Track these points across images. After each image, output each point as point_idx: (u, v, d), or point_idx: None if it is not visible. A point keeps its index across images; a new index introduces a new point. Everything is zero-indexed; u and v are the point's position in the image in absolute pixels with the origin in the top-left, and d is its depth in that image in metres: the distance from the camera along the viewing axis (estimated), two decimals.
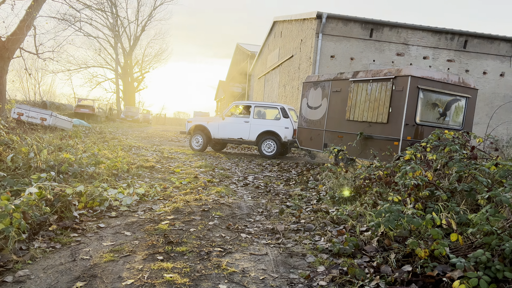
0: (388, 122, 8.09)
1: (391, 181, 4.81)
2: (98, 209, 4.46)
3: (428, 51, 15.17)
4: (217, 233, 3.91)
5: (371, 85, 8.61)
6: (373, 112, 8.48)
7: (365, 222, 4.19)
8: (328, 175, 7.07)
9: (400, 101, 7.86)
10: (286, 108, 12.00)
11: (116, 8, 37.48)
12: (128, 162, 7.97)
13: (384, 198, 4.69)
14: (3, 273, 2.66)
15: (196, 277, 2.81)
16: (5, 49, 12.59)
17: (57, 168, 5.59)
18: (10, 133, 7.26)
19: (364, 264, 3.10)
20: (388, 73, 8.26)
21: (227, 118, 12.52)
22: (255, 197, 5.89)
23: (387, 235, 3.57)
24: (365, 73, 8.91)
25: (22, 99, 29.45)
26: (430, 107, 8.08)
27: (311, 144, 10.55)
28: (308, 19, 15.87)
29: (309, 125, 10.59)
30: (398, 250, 3.23)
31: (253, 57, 28.14)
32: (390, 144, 7.92)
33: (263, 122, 12.18)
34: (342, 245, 3.46)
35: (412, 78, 7.73)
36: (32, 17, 12.82)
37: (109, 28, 38.84)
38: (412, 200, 4.20)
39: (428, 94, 7.98)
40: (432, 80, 8.00)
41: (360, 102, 8.82)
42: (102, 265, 2.95)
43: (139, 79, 43.09)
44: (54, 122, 14.08)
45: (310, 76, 10.94)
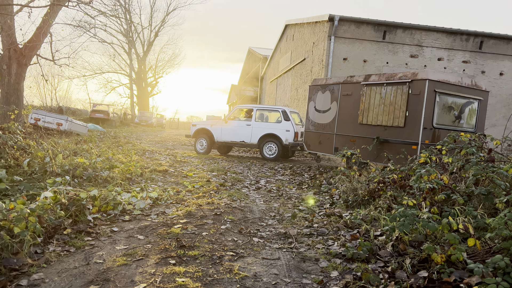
0: (405, 126, 8.06)
1: (406, 185, 4.73)
2: (112, 213, 4.49)
3: (442, 53, 14.97)
4: (229, 237, 3.90)
5: (385, 89, 8.58)
6: (388, 116, 8.45)
7: (380, 227, 4.12)
8: (342, 178, 7.00)
9: (417, 105, 7.84)
10: (288, 111, 12.03)
11: (130, 14, 38.03)
12: (142, 166, 8.04)
13: (399, 202, 4.61)
14: (18, 277, 2.70)
15: (208, 282, 2.80)
16: (23, 56, 12.86)
17: (72, 173, 5.67)
18: (27, 138, 7.40)
19: (379, 270, 3.05)
20: (403, 76, 8.23)
21: (229, 121, 12.66)
22: (267, 201, 5.87)
23: (402, 240, 3.51)
24: (378, 76, 8.90)
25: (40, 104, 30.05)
26: (446, 110, 8.11)
27: (320, 148, 10.49)
28: (320, 22, 15.82)
29: (318, 128, 10.54)
30: (414, 255, 3.16)
31: (265, 61, 28.17)
32: (408, 148, 7.87)
33: (264, 125, 12.25)
34: (356, 249, 3.41)
35: (429, 81, 7.71)
36: (48, 24, 13.07)
37: (123, 34, 39.41)
38: (428, 204, 4.12)
39: (444, 98, 8.00)
40: (448, 83, 8.02)
41: (374, 106, 8.78)
42: (115, 269, 2.96)
43: (152, 84, 43.56)
44: (70, 127, 14.30)
45: (317, 79, 10.89)
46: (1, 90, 13.05)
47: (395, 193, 4.81)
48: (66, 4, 12.93)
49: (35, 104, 27.96)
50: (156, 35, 41.26)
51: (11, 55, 12.63)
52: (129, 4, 37.29)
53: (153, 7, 41.61)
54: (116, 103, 43.87)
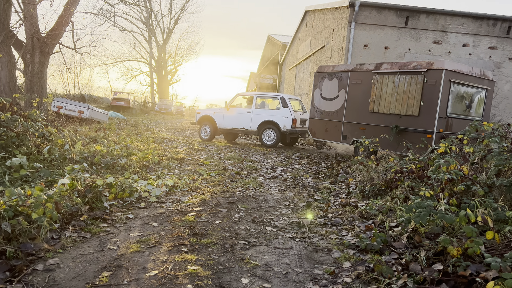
0: (419, 115, 8.17)
1: (424, 175, 4.62)
2: (128, 200, 4.56)
3: (468, 38, 14.45)
4: (242, 225, 3.91)
5: (398, 78, 8.62)
6: (401, 104, 8.54)
7: (396, 218, 4.04)
8: (359, 168, 6.91)
9: (433, 94, 7.94)
10: (286, 98, 12.10)
11: (150, 1, 38.16)
12: (159, 154, 8.12)
13: (416, 193, 4.51)
14: (34, 261, 2.77)
15: (219, 270, 2.81)
16: (45, 44, 13.10)
17: (90, 160, 5.77)
18: (48, 126, 7.56)
19: (392, 261, 2.99)
20: (417, 65, 8.31)
21: (231, 108, 12.84)
22: (283, 190, 5.84)
23: (418, 232, 3.43)
24: (390, 65, 8.94)
25: (63, 92, 30.69)
26: (458, 100, 8.29)
27: (326, 135, 10.50)
28: (340, 7, 15.49)
29: (324, 116, 10.52)
30: (429, 248, 3.09)
31: (284, 48, 27.88)
32: (422, 137, 7.98)
33: (264, 112, 12.37)
34: (369, 240, 3.36)
35: (446, 71, 7.80)
36: (69, 13, 13.25)
37: (143, 22, 39.65)
38: (446, 195, 4.01)
39: (457, 87, 8.18)
40: (461, 73, 8.18)
41: (386, 95, 8.83)
42: (128, 255, 3.00)
43: (172, 72, 43.85)
44: (91, 115, 14.56)
45: (323, 67, 10.83)
46: (25, 78, 13.36)
47: (412, 183, 4.70)
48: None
49: (58, 92, 28.57)
50: (175, 23, 41.36)
51: (34, 44, 12.89)
52: None
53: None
54: (136, 91, 44.43)
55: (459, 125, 8.37)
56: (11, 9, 12.00)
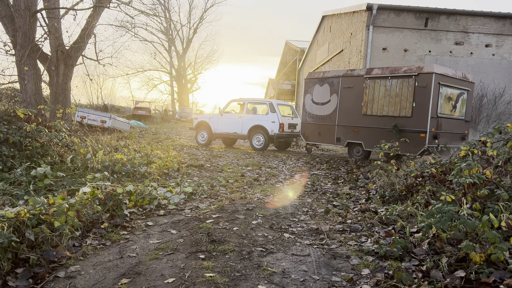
0: (412, 116, 8.85)
1: (445, 179, 4.51)
2: (148, 208, 4.63)
3: (491, 39, 14.09)
4: (260, 232, 3.90)
5: (390, 82, 9.30)
6: (394, 106, 9.20)
7: (416, 223, 3.96)
8: (379, 173, 6.80)
9: (424, 96, 8.64)
10: (274, 104, 12.64)
11: (169, 12, 38.87)
12: (179, 161, 8.22)
13: (438, 198, 4.40)
14: (56, 269, 2.84)
15: (236, 277, 2.81)
16: (69, 57, 13.49)
17: (111, 168, 5.89)
18: (72, 136, 7.77)
19: (412, 268, 2.92)
20: (408, 70, 9.02)
21: (225, 114, 13.48)
22: (301, 196, 5.81)
23: (439, 237, 3.34)
24: (381, 70, 9.58)
25: (86, 103, 31.48)
26: (446, 101, 9.02)
27: (319, 138, 11.06)
28: (358, 11, 15.39)
29: (316, 120, 11.08)
30: (451, 254, 3.00)
31: (302, 53, 27.85)
32: (416, 136, 8.72)
33: (253, 117, 12.92)
34: (389, 247, 3.30)
35: (436, 75, 8.52)
36: (92, 26, 13.62)
37: (163, 32, 40.39)
38: (469, 199, 3.90)
39: (445, 89, 8.91)
40: (448, 76, 8.92)
41: (379, 98, 9.48)
42: (147, 262, 3.04)
43: (192, 81, 44.41)
44: (113, 124, 14.88)
45: (313, 73, 11.33)
46: (50, 90, 13.78)
47: (434, 188, 4.59)
48: (107, 5, 13.41)
49: (82, 102, 29.34)
50: (194, 32, 41.95)
51: (59, 56, 13.30)
52: (168, 2, 38.13)
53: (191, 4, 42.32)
54: (157, 100, 45.14)
55: (447, 124, 9.15)
56: (37, 23, 12.45)
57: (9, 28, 11.56)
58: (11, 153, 5.73)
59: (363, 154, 10.07)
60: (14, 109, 7.15)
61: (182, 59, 42.01)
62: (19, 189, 4.76)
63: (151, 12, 24.90)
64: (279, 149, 13.41)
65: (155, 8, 35.43)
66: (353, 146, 10.29)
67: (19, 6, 11.18)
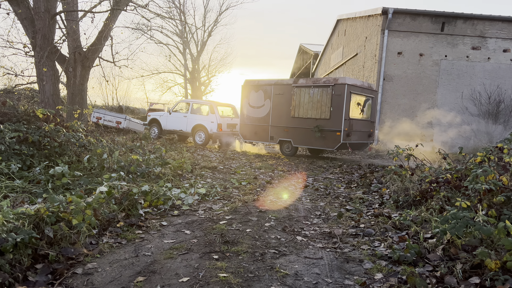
0: (330, 118, 10.81)
1: (461, 185, 4.46)
2: (162, 208, 4.69)
3: (509, 44, 13.87)
4: (272, 234, 3.92)
5: (313, 90, 11.15)
6: (316, 110, 11.07)
7: (430, 229, 3.93)
8: (393, 177, 6.75)
9: (339, 102, 10.62)
10: (214, 105, 14.09)
11: (185, 15, 39.23)
12: (193, 163, 8.29)
13: (453, 204, 4.36)
14: (74, 265, 2.91)
15: (249, 278, 2.84)
16: (86, 58, 13.75)
17: (126, 169, 5.99)
18: (88, 136, 7.92)
19: (426, 274, 2.91)
20: (326, 81, 11.02)
21: (173, 113, 14.93)
22: (314, 199, 5.81)
23: (454, 244, 3.32)
24: (305, 80, 11.56)
25: (102, 104, 31.95)
26: (355, 106, 11.07)
27: (256, 137, 12.73)
28: (373, 15, 15.32)
29: (253, 121, 12.70)
30: (466, 260, 2.98)
31: (316, 57, 27.80)
32: (333, 134, 10.75)
33: (196, 117, 14.33)
34: (402, 252, 3.28)
35: (347, 85, 10.53)
36: (109, 28, 13.86)
37: (178, 35, 40.75)
38: (485, 206, 3.86)
39: (355, 96, 10.98)
40: (357, 86, 11.00)
41: (304, 103, 11.31)
42: (161, 261, 3.09)
43: (206, 83, 44.66)
44: (128, 125, 15.08)
45: (249, 81, 12.97)
46: (67, 91, 14.06)
47: (448, 193, 4.55)
48: (124, 8, 13.63)
49: (97, 103, 29.77)
50: (209, 35, 42.21)
51: (76, 58, 13.57)
52: (184, 6, 38.48)
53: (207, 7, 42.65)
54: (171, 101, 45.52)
55: (357, 124, 11.17)
56: (56, 25, 12.73)
57: (29, 30, 11.85)
58: (30, 152, 5.87)
59: (292, 150, 11.93)
60: (33, 109, 7.32)
61: (196, 61, 42.31)
62: (37, 187, 4.88)
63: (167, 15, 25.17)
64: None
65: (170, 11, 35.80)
66: (284, 143, 12.12)
67: (39, 9, 11.44)
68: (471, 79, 14.57)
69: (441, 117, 14.77)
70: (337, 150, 11.13)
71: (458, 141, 14.50)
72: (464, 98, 14.79)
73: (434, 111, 14.87)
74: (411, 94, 14.74)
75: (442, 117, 14.76)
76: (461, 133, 14.73)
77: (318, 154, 13.06)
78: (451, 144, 14.67)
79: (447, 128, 14.68)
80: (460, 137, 14.67)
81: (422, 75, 14.62)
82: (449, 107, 14.75)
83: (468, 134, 14.77)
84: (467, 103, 14.80)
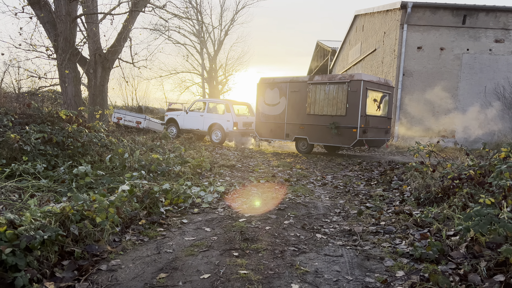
0: (346, 115, 10.76)
1: (484, 182, 4.37)
2: (182, 206, 4.76)
3: None
4: (292, 232, 3.93)
5: (328, 87, 11.17)
6: (332, 107, 11.10)
7: (453, 226, 3.86)
8: (414, 174, 6.65)
9: (355, 99, 10.57)
10: (230, 104, 14.26)
11: (201, 15, 39.47)
12: (211, 161, 8.36)
13: (476, 200, 4.27)
14: (99, 262, 2.99)
15: (269, 275, 2.85)
16: (106, 60, 14.01)
17: (147, 167, 6.09)
18: (110, 136, 8.08)
19: (449, 271, 2.87)
20: (342, 77, 11.05)
21: (190, 112, 15.22)
22: (333, 197, 5.78)
23: (477, 241, 3.25)
24: (321, 77, 11.54)
25: (122, 104, 32.50)
26: (372, 102, 10.97)
27: (271, 134, 12.81)
28: (391, 10, 15.08)
29: (268, 119, 12.77)
30: (490, 258, 2.92)
31: (334, 54, 27.56)
32: (349, 131, 10.68)
33: (212, 116, 14.54)
34: (424, 249, 3.24)
35: (363, 81, 10.45)
36: (128, 30, 14.08)
37: (195, 34, 41.04)
38: (510, 202, 3.77)
39: (372, 93, 10.89)
40: (373, 82, 10.90)
41: (320, 100, 11.37)
42: (183, 258, 3.14)
43: (223, 82, 44.85)
44: (148, 125, 15.31)
45: (264, 79, 13.02)
46: (89, 92, 14.36)
47: (472, 190, 4.46)
48: (143, 9, 13.82)
49: (118, 104, 30.31)
50: (226, 34, 42.35)
51: (97, 60, 13.84)
52: (200, 5, 38.72)
53: (223, 6, 42.79)
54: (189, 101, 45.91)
55: (373, 121, 11.08)
56: (76, 28, 13.01)
57: (51, 33, 12.15)
58: (54, 152, 6.04)
59: (307, 147, 11.93)
60: (57, 111, 7.52)
61: (214, 61, 42.53)
62: (62, 186, 5.02)
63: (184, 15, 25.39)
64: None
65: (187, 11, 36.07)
66: (300, 141, 12.09)
67: (61, 12, 11.72)
68: (494, 73, 14.19)
69: (463, 112, 14.45)
70: (353, 147, 11.14)
71: (481, 136, 14.15)
72: (487, 93, 14.42)
73: (455, 106, 14.55)
74: (431, 89, 14.46)
75: (464, 112, 14.43)
76: (484, 128, 14.37)
77: (335, 152, 13.02)
78: (473, 140, 14.34)
79: (470, 123, 14.34)
80: (483, 132, 14.31)
81: (443, 70, 14.31)
82: (472, 102, 14.40)
83: (491, 129, 14.40)
84: (490, 97, 14.42)
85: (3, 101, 9.88)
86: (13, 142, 5.57)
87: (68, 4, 11.87)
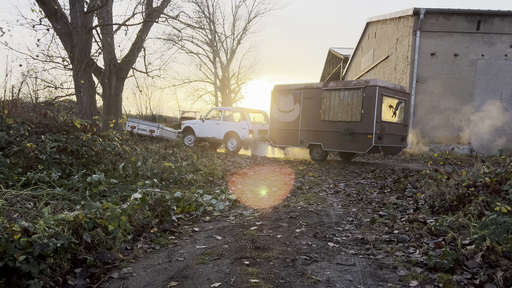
0: (361, 121, 10.65)
1: (501, 189, 4.27)
2: (194, 214, 4.77)
3: None
4: (303, 240, 3.90)
5: (343, 93, 11.09)
6: (347, 113, 10.98)
7: (468, 235, 3.78)
8: (428, 182, 6.55)
9: (370, 105, 10.46)
10: (246, 112, 14.27)
11: (214, 24, 39.89)
12: (223, 169, 8.38)
13: (492, 209, 4.18)
14: (110, 270, 3.01)
15: (280, 284, 2.83)
16: (120, 70, 14.24)
17: (160, 176, 6.14)
18: (123, 145, 8.18)
19: (465, 281, 2.81)
20: (357, 83, 10.95)
21: (206, 121, 15.28)
22: (346, 205, 5.73)
23: (494, 250, 3.18)
24: (335, 83, 11.50)
25: (136, 113, 32.93)
26: (387, 108, 10.83)
27: (285, 141, 12.72)
28: (404, 17, 15.01)
29: (282, 126, 12.71)
30: (507, 268, 2.85)
31: (346, 61, 27.50)
32: (365, 137, 10.54)
33: (228, 124, 14.55)
34: (439, 258, 3.18)
35: (379, 87, 10.36)
36: (142, 40, 14.32)
37: (208, 44, 41.45)
38: None
39: (387, 99, 10.79)
40: (388, 88, 10.79)
41: (334, 106, 11.29)
42: (194, 267, 3.14)
43: (235, 90, 45.08)
44: (161, 134, 15.46)
45: (279, 86, 13.05)
46: (103, 101, 14.60)
47: (488, 198, 4.37)
48: (156, 20, 14.05)
49: (132, 113, 30.73)
50: (238, 43, 42.67)
51: (111, 69, 14.09)
52: (213, 15, 39.16)
53: (235, 15, 43.16)
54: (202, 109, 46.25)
55: (389, 127, 10.92)
56: (92, 39, 13.28)
57: (67, 44, 12.42)
58: (69, 161, 6.13)
59: (322, 154, 11.82)
60: (72, 120, 7.66)
61: (226, 69, 42.84)
62: (76, 195, 5.08)
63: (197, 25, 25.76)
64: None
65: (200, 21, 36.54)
66: (314, 147, 11.99)
67: (77, 24, 11.99)
68: (510, 78, 13.94)
69: (479, 119, 14.21)
70: (368, 153, 10.95)
71: (497, 143, 13.88)
72: (503, 99, 14.16)
73: (471, 113, 14.33)
74: (446, 95, 14.28)
75: (480, 118, 14.19)
76: (501, 135, 14.09)
77: (349, 159, 12.85)
78: (489, 147, 14.07)
79: (486, 129, 14.09)
80: (500, 139, 14.04)
81: (458, 76, 14.14)
82: (487, 108, 14.16)
83: (508, 136, 14.11)
84: (506, 103, 14.16)
85: (20, 111, 10.11)
86: (29, 151, 5.68)
87: (84, 16, 12.15)
